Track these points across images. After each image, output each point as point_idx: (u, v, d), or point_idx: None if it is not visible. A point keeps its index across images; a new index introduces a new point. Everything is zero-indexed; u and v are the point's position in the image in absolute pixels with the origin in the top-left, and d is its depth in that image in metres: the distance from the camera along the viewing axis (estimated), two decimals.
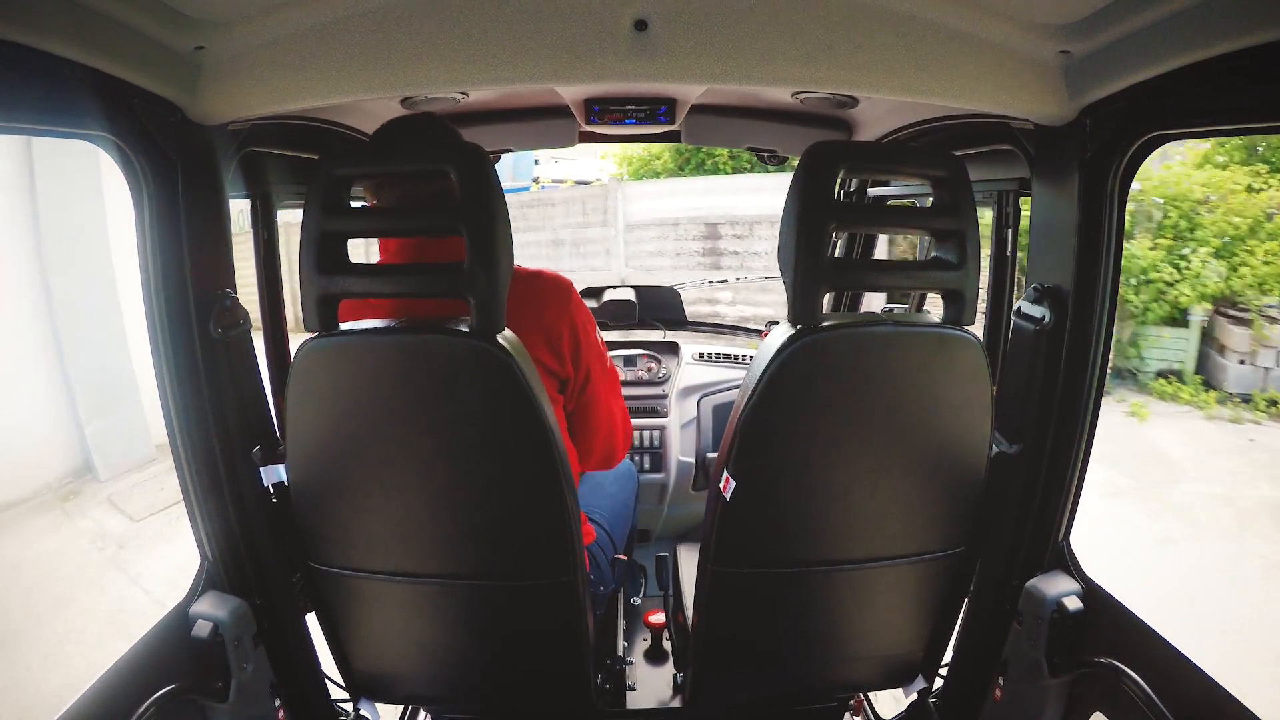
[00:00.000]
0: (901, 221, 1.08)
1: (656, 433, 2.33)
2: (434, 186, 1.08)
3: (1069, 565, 1.17)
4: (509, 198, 1.00)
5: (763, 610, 1.19)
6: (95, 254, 4.57)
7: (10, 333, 4.35)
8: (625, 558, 1.57)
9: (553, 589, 1.13)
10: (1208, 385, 5.74)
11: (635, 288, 2.40)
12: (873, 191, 1.88)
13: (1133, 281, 5.78)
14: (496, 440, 1.02)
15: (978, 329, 1.07)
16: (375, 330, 0.98)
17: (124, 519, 4.19)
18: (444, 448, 1.03)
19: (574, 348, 1.23)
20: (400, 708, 1.74)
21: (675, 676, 1.58)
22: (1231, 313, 5.73)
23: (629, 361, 2.38)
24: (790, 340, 0.98)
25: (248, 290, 1.20)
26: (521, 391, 0.97)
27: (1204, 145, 6.21)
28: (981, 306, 1.29)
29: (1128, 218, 1.04)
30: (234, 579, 1.15)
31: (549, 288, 1.20)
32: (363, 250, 2.15)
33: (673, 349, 2.49)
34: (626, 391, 1.62)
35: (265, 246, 1.43)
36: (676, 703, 1.58)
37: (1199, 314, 5.79)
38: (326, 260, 0.95)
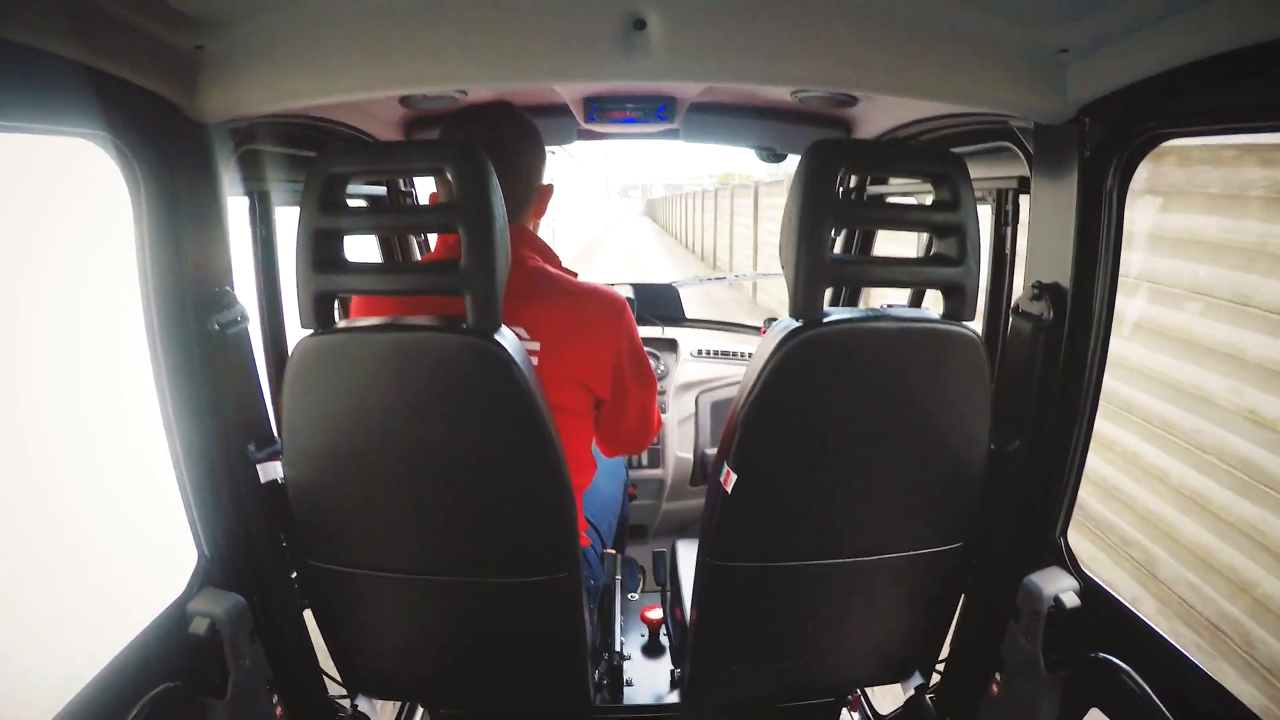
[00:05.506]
0: (902, 218, 1.09)
1: None
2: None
3: (1067, 561, 1.17)
4: None
5: (761, 605, 1.20)
6: None
7: None
8: (614, 551, 1.58)
9: (551, 585, 1.13)
10: None
11: (634, 285, 2.41)
12: (871, 189, 1.88)
13: None
14: (493, 437, 1.02)
15: (976, 325, 1.07)
16: (372, 327, 0.98)
17: None
18: (441, 444, 1.03)
19: (617, 369, 1.22)
20: (398, 704, 1.74)
21: (673, 672, 1.58)
22: None
23: None
24: (792, 334, 0.98)
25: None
26: (518, 388, 0.97)
27: None
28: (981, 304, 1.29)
29: None
30: (231, 575, 1.15)
31: (602, 309, 1.19)
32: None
33: (671, 345, 2.50)
34: None
35: (263, 244, 1.43)
36: (674, 698, 1.58)
37: None
38: (322, 258, 0.95)
